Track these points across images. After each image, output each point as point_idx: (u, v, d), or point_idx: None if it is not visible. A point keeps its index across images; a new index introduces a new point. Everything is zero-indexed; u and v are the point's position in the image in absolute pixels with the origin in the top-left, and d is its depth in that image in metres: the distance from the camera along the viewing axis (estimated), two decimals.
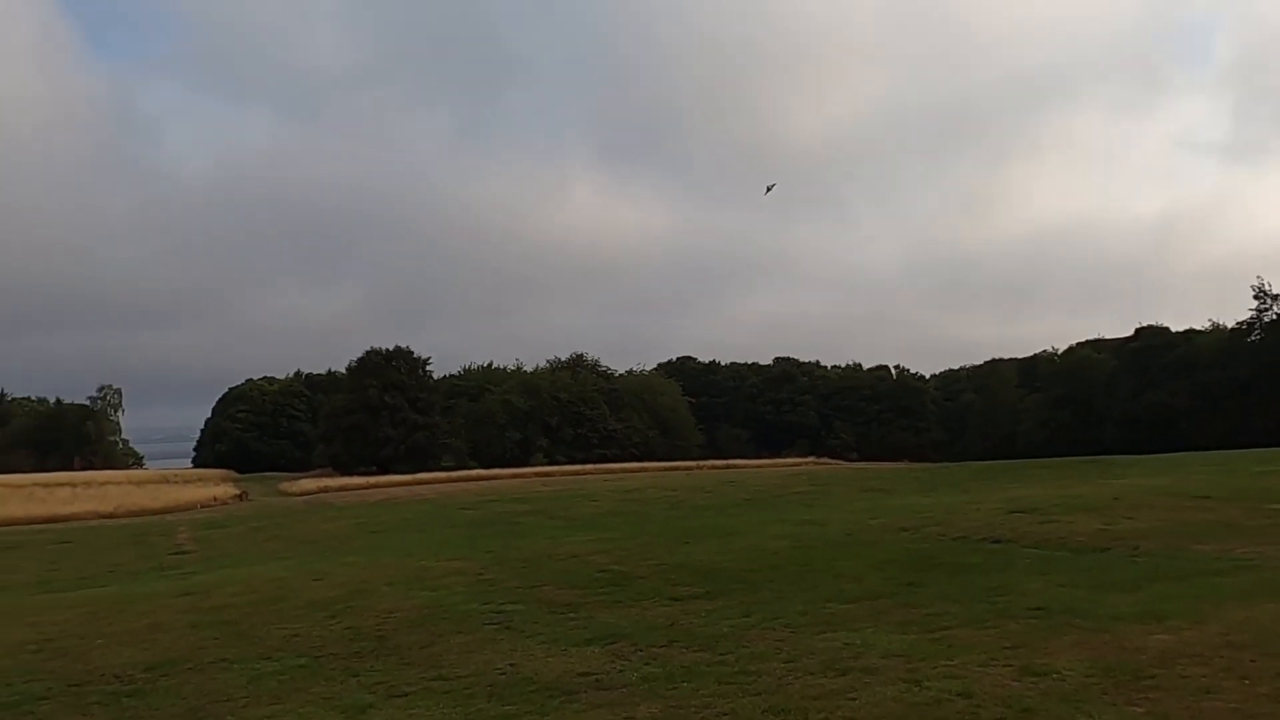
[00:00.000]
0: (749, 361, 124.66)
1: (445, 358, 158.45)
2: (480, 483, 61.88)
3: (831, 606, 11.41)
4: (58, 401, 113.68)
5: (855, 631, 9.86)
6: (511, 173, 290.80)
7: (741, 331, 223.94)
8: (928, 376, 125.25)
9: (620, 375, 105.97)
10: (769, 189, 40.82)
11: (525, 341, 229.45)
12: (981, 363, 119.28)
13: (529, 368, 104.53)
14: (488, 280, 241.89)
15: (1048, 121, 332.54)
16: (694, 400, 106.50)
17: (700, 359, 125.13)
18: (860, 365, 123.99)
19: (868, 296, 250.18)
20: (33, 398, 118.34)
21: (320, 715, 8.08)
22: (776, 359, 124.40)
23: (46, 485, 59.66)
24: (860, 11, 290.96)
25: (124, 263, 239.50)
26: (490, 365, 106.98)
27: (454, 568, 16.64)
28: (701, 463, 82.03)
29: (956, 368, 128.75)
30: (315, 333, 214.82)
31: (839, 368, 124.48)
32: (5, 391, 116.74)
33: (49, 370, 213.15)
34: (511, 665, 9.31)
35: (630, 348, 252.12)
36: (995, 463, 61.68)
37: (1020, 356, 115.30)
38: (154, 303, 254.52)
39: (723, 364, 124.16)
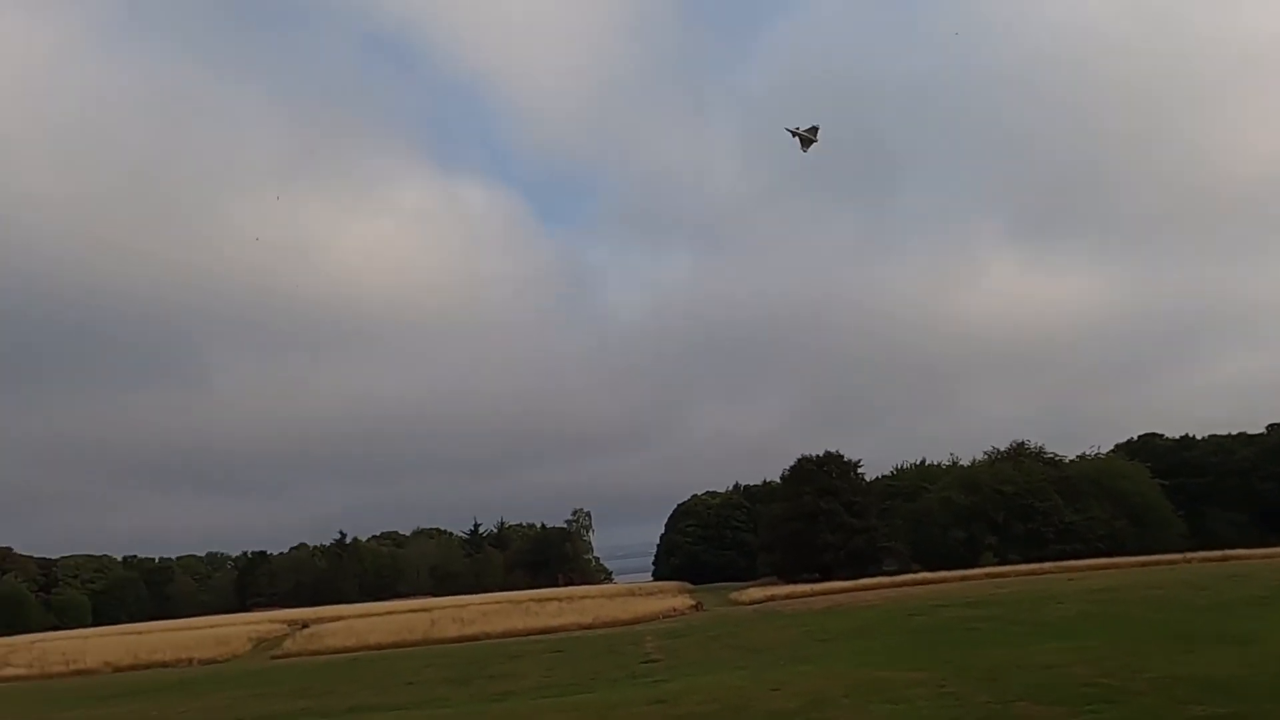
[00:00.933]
0: (1233, 432, 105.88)
1: (876, 459, 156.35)
2: (926, 586, 59.06)
3: None
4: (543, 526, 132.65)
5: None
6: (920, 266, 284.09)
7: (1214, 399, 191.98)
8: None
9: (1071, 461, 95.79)
10: (806, 142, 25.59)
11: (957, 435, 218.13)
12: None
13: (965, 461, 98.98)
14: (910, 376, 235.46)
15: None
16: (1166, 483, 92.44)
17: (1168, 435, 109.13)
18: None
19: None
20: (524, 523, 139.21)
21: None
22: (1270, 426, 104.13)
23: (538, 600, 69.24)
24: None
25: (582, 398, 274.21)
26: (923, 463, 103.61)
27: (912, 679, 15.80)
28: (1189, 555, 70.23)
29: None
30: (748, 444, 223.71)
31: None
32: (504, 520, 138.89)
33: (534, 497, 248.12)
34: None
35: (1077, 430, 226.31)
36: None
37: None
38: (609, 431, 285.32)
39: (1198, 438, 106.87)
